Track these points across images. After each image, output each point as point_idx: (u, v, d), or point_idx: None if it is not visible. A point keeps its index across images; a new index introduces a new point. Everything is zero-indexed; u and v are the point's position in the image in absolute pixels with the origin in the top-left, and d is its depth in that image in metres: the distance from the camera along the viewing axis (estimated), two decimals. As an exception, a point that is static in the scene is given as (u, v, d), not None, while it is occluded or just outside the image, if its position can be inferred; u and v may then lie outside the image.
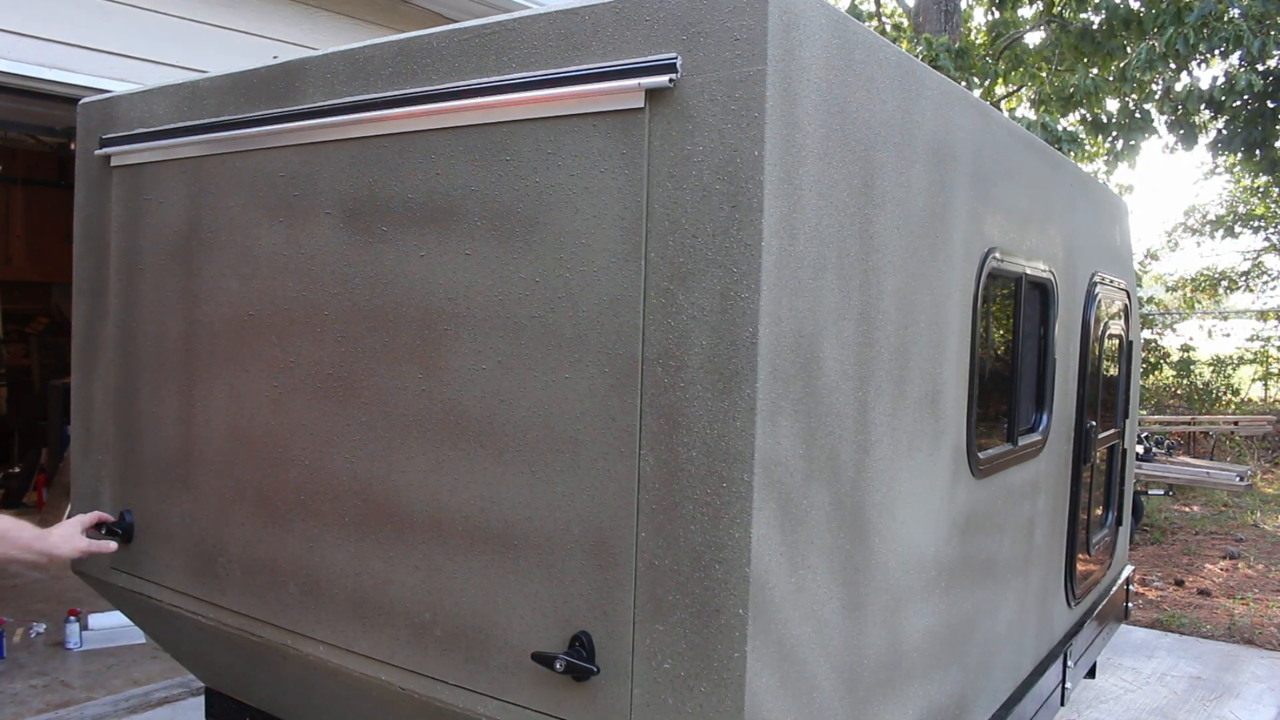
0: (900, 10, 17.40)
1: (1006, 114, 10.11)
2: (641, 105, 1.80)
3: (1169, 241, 20.59)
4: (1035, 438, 3.31)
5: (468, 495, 2.09)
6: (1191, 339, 17.80)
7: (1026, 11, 14.85)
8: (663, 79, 1.77)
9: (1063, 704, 3.93)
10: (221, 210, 2.57)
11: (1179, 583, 8.02)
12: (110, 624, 5.63)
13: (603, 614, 1.90)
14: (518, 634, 2.00)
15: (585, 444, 1.90)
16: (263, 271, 2.47)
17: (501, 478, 2.03)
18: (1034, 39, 14.87)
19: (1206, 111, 12.32)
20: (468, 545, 2.09)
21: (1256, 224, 18.83)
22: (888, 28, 17.31)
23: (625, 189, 1.84)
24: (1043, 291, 3.34)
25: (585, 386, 1.90)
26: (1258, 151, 12.50)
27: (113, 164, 2.83)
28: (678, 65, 1.76)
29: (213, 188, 2.59)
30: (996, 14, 13.92)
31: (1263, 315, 18.73)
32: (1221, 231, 18.83)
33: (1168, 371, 16.80)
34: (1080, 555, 4.01)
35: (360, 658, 2.29)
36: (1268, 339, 18.03)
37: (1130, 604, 5.34)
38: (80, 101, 2.98)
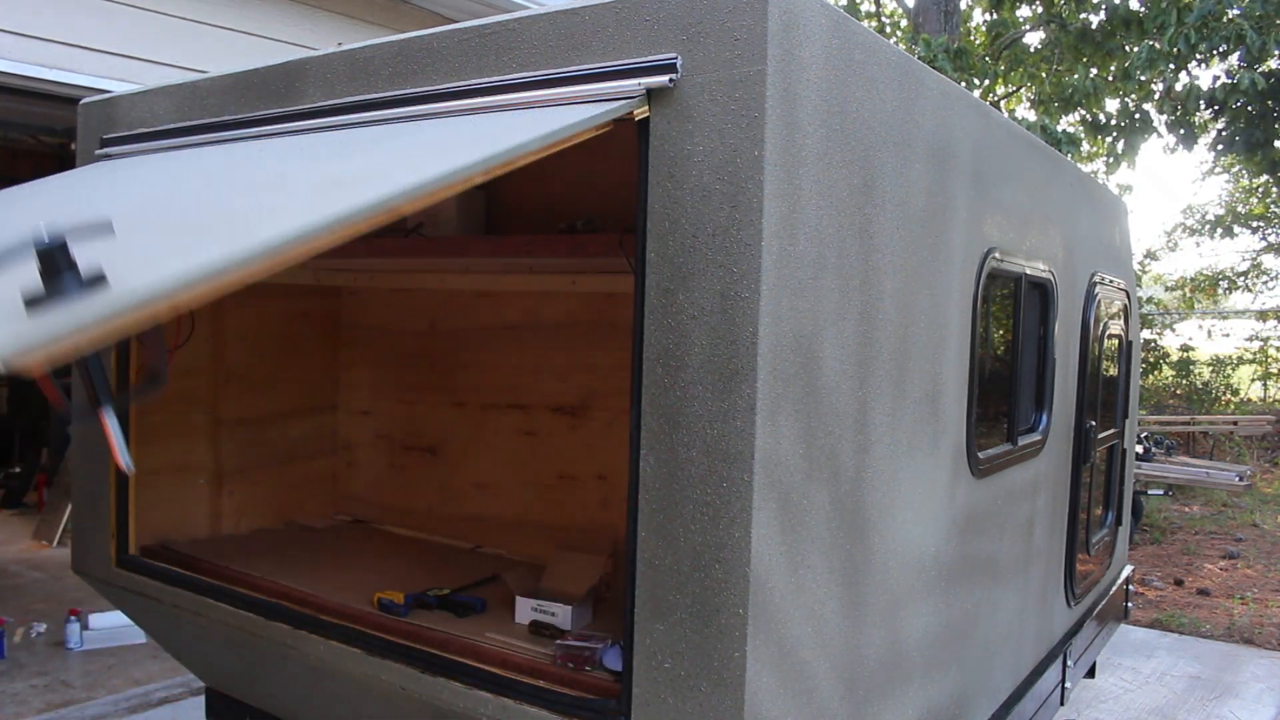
0: (899, 10, 17.39)
1: (1006, 114, 10.11)
2: (641, 105, 1.80)
3: (1168, 242, 20.58)
4: (1035, 438, 3.31)
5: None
6: (1191, 339, 17.80)
7: (1025, 11, 14.84)
8: (663, 79, 1.77)
9: (1062, 704, 3.93)
10: None
11: (1179, 582, 8.02)
12: (111, 624, 5.62)
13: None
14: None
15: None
16: None
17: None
18: (1034, 39, 14.87)
19: (1207, 111, 12.31)
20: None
21: (1255, 224, 18.82)
22: (886, 27, 17.29)
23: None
24: (1042, 291, 3.34)
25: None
26: (1258, 152, 12.48)
27: (113, 164, 2.83)
28: (678, 65, 1.76)
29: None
30: (995, 14, 13.90)
31: (1262, 315, 18.72)
32: (1220, 231, 18.82)
33: (1167, 371, 16.80)
34: (1080, 555, 4.01)
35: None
36: (1267, 339, 18.02)
37: (1130, 604, 5.34)
38: (80, 101, 2.98)
